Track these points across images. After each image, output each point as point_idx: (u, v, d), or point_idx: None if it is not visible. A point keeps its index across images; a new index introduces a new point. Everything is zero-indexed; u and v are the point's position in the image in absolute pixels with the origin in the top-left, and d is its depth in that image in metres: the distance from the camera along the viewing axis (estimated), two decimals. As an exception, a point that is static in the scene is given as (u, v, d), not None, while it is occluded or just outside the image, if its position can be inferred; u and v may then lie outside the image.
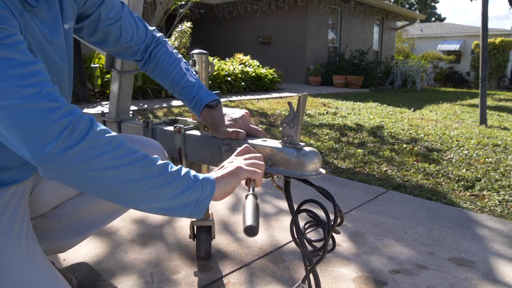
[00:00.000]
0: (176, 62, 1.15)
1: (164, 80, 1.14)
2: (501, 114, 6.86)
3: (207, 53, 1.30)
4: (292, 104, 0.89)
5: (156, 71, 1.15)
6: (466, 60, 20.82)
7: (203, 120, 1.11)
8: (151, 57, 1.15)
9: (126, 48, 1.12)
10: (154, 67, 1.15)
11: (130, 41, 1.11)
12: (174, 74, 1.13)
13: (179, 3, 7.09)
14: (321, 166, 0.92)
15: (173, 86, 1.13)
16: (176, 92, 1.14)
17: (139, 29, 1.12)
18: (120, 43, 1.10)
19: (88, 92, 5.36)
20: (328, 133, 4.07)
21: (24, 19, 0.79)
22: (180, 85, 1.12)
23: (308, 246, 0.97)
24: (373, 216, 1.95)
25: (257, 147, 0.97)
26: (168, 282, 1.32)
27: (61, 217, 1.14)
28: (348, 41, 13.09)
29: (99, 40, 1.09)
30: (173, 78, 1.13)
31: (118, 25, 1.07)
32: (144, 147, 1.12)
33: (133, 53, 1.14)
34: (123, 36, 1.09)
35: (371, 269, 1.45)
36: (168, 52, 1.16)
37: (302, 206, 0.95)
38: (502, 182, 2.61)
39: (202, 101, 1.10)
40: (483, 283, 1.38)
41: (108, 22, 1.05)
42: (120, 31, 1.08)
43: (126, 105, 1.66)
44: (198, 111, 1.10)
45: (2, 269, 0.85)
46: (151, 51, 1.15)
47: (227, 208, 2.00)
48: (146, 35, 1.14)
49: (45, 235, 1.11)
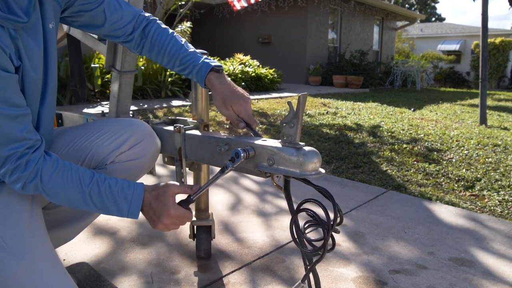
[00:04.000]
0: (171, 35, 1.16)
1: (162, 54, 1.14)
2: (501, 114, 6.86)
3: (207, 53, 1.30)
4: (292, 104, 0.89)
5: (153, 48, 1.15)
6: (466, 60, 20.82)
7: (209, 85, 1.10)
8: (145, 34, 1.16)
9: (115, 29, 1.13)
10: (150, 44, 1.15)
11: (118, 21, 1.12)
12: (171, 46, 1.13)
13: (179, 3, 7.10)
14: (320, 165, 0.92)
15: (173, 58, 1.13)
16: (176, 63, 1.14)
17: (125, 9, 1.13)
18: (107, 25, 1.11)
19: (88, 92, 5.36)
20: (328, 133, 4.07)
21: (16, 42, 0.85)
22: (180, 55, 1.12)
23: (308, 246, 0.97)
24: (373, 216, 1.95)
25: (257, 146, 0.97)
26: (168, 282, 1.32)
27: (60, 207, 1.18)
28: (348, 41, 13.09)
29: (85, 23, 1.10)
30: (171, 50, 1.13)
31: (101, 8, 1.08)
32: (129, 126, 1.15)
33: (123, 33, 1.14)
34: (108, 18, 1.10)
35: (371, 269, 1.45)
36: (161, 27, 1.17)
37: (302, 206, 0.95)
38: (502, 182, 2.61)
39: (208, 64, 1.09)
40: (483, 283, 1.38)
41: (92, 7, 1.07)
42: (104, 13, 1.09)
43: (126, 105, 1.66)
44: (203, 75, 1.09)
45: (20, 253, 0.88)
46: (144, 28, 1.16)
47: (227, 208, 2.00)
48: (134, 15, 1.15)
49: (49, 226, 1.12)
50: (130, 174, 1.14)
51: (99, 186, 0.93)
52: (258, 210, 1.99)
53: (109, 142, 1.11)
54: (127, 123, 1.18)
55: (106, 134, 1.13)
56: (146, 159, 1.18)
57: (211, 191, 2.24)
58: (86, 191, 0.92)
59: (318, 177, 0.89)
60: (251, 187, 2.34)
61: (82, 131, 1.15)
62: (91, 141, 1.11)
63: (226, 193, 2.23)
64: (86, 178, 0.93)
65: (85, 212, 1.24)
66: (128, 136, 1.14)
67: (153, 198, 0.97)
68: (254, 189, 2.31)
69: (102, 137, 1.12)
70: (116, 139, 1.12)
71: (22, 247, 0.88)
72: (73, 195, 0.92)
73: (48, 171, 0.89)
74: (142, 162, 1.17)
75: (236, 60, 8.86)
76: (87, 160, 1.11)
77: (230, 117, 1.08)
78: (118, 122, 1.18)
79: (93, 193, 0.92)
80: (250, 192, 2.26)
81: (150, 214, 0.98)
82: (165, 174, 2.56)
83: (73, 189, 0.91)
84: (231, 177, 2.47)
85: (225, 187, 2.31)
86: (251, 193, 2.24)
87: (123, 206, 0.94)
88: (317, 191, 0.93)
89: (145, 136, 1.17)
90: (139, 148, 1.15)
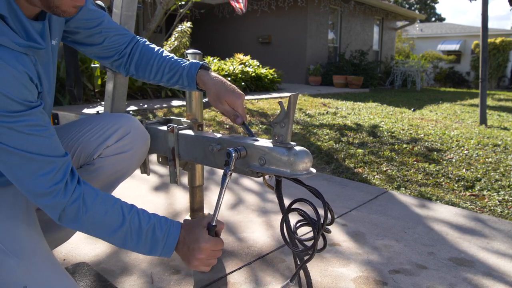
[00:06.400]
0: (159, 49, 1.18)
1: (151, 65, 1.15)
2: (501, 114, 6.86)
3: (200, 53, 1.30)
4: (283, 103, 0.89)
5: (142, 60, 1.16)
6: (466, 60, 20.82)
7: (199, 82, 1.11)
8: (133, 51, 1.17)
9: (111, 48, 1.14)
10: (139, 56, 1.16)
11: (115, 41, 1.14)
12: (160, 56, 1.15)
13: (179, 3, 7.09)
14: (311, 165, 0.92)
15: (162, 66, 1.14)
16: (166, 70, 1.14)
17: (121, 29, 1.16)
18: (105, 42, 1.12)
19: (88, 92, 5.36)
20: (328, 133, 4.07)
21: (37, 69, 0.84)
22: (169, 62, 1.14)
23: (300, 245, 0.97)
24: (373, 216, 1.95)
25: (248, 146, 0.97)
26: (168, 282, 1.32)
27: None
28: (348, 41, 13.09)
29: (79, 41, 1.11)
30: (160, 59, 1.14)
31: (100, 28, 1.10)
32: (116, 119, 1.16)
33: (116, 52, 1.15)
34: (107, 39, 1.12)
35: (371, 269, 1.45)
36: (146, 45, 1.19)
37: (293, 205, 0.95)
38: (502, 182, 2.61)
39: (196, 63, 1.12)
40: (483, 283, 1.38)
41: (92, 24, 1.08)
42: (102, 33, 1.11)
43: (121, 105, 1.66)
44: (193, 73, 1.10)
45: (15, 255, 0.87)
46: (134, 44, 1.18)
47: (227, 209, 2.00)
48: (128, 34, 1.17)
49: (45, 227, 1.12)
50: (119, 168, 1.13)
51: (139, 214, 0.91)
52: (258, 209, 1.99)
53: (96, 136, 1.11)
54: (115, 117, 1.18)
55: (93, 129, 1.12)
56: (135, 152, 1.16)
57: (211, 191, 2.24)
58: (127, 218, 0.89)
59: (308, 177, 0.89)
60: (252, 187, 2.34)
61: (70, 128, 1.14)
62: (78, 137, 1.11)
63: (227, 193, 2.23)
64: (127, 206, 0.91)
65: None
66: (116, 129, 1.13)
67: (187, 232, 0.95)
68: (254, 189, 2.31)
69: (89, 132, 1.11)
70: (103, 133, 1.12)
71: (21, 248, 0.88)
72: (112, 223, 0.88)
73: (90, 195, 0.87)
74: (131, 155, 1.16)
75: (236, 60, 8.85)
76: (75, 157, 1.09)
77: (226, 111, 1.08)
78: (106, 117, 1.18)
79: (133, 222, 0.90)
80: (251, 192, 2.26)
81: (184, 251, 0.94)
82: (166, 173, 2.56)
83: (114, 215, 0.88)
84: (232, 177, 2.46)
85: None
86: (252, 193, 2.24)
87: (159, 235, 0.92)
88: (308, 190, 0.93)
89: (132, 128, 1.16)
90: (127, 141, 1.14)
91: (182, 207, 1.96)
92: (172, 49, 7.06)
